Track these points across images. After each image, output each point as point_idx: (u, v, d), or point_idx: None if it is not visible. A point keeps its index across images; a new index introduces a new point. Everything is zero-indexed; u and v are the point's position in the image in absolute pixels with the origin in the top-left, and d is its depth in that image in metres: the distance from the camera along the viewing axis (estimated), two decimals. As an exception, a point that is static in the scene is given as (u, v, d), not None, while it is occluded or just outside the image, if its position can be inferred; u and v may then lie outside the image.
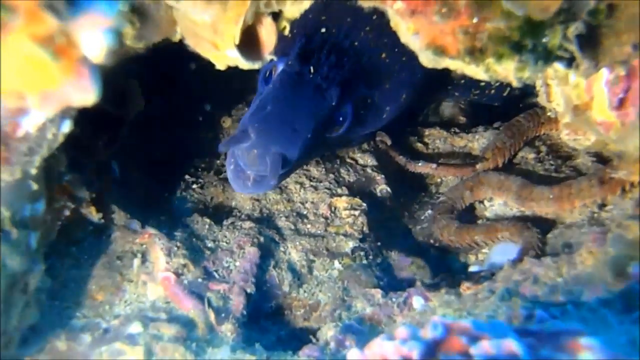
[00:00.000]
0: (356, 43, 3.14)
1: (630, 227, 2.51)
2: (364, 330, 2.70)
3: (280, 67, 3.04)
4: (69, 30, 1.88)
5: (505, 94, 3.97)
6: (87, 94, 1.97)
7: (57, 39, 1.83)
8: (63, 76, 1.88)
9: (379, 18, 3.12)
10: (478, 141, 3.96)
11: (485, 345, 1.68)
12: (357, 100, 3.18)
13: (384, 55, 3.22)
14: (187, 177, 3.61)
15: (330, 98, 2.99)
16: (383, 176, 3.67)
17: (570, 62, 2.40)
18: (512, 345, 1.68)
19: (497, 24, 2.18)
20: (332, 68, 3.00)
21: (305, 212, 3.34)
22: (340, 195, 3.42)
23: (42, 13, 1.83)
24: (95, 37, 1.89)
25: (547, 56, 2.28)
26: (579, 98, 2.77)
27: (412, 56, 3.16)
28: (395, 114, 3.49)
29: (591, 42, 2.39)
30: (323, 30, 3.10)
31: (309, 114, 2.96)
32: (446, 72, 3.27)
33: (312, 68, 2.97)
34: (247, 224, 3.16)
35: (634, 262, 2.36)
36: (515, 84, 2.34)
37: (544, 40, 2.24)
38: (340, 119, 3.14)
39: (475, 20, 2.18)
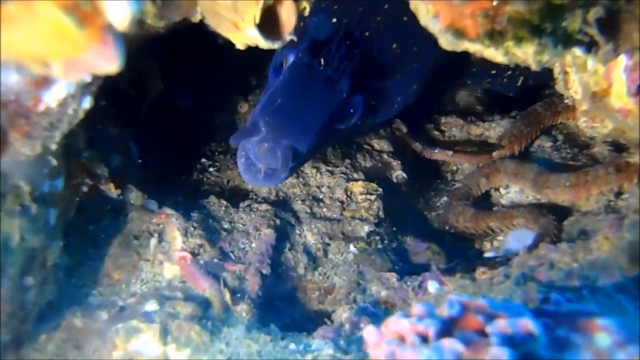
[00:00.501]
0: (367, 33, 3.13)
1: (646, 213, 2.50)
2: (378, 313, 2.70)
3: (291, 58, 3.03)
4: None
5: (518, 84, 3.92)
6: (111, 62, 1.97)
7: (82, 6, 1.84)
8: (87, 43, 1.88)
9: (391, 8, 3.15)
10: (494, 129, 3.95)
11: (502, 324, 1.69)
12: (368, 91, 3.16)
13: (395, 45, 3.21)
14: (203, 160, 3.62)
15: (341, 90, 2.98)
16: (399, 162, 3.68)
17: (589, 47, 2.39)
18: (528, 324, 1.68)
19: (517, 7, 2.17)
20: (343, 59, 2.99)
21: (321, 196, 3.34)
22: (357, 180, 3.43)
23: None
24: (120, 4, 1.90)
25: (567, 40, 2.28)
26: (597, 85, 2.76)
27: (423, 46, 3.22)
28: (406, 104, 3.48)
29: (611, 28, 2.38)
30: (334, 20, 3.09)
31: (319, 106, 2.96)
32: (457, 61, 3.31)
33: (322, 60, 2.96)
34: (264, 207, 3.16)
35: (650, 248, 2.36)
36: (534, 67, 2.34)
37: (563, 23, 2.23)
38: (351, 110, 3.12)
39: (495, 3, 2.17)
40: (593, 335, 1.70)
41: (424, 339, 1.72)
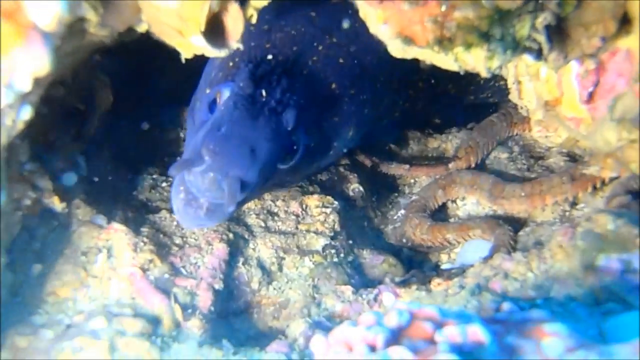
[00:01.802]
0: (305, 71, 3.03)
1: (599, 221, 2.50)
2: (333, 327, 2.66)
3: (227, 94, 2.87)
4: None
5: None
6: (39, 61, 1.91)
7: (5, 3, 1.79)
8: (13, 43, 1.83)
9: (325, 47, 3.11)
10: (451, 142, 3.97)
11: (450, 331, 1.66)
12: (309, 129, 2.98)
13: (333, 86, 3.10)
14: (155, 175, 3.55)
15: (287, 122, 2.78)
16: (356, 175, 3.66)
17: (539, 53, 2.40)
18: (477, 330, 1.66)
19: (465, 13, 2.17)
20: (285, 92, 2.82)
21: (275, 210, 3.30)
22: (312, 193, 3.39)
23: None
24: (45, 4, 1.85)
25: (516, 46, 2.28)
26: (550, 93, 2.78)
27: (361, 88, 3.19)
28: (341, 151, 3.36)
29: (560, 34, 2.40)
30: (270, 57, 2.98)
31: (266, 136, 2.75)
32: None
33: (264, 91, 2.78)
34: (216, 223, 3.11)
35: (603, 255, 2.35)
36: (484, 74, 2.33)
37: (512, 30, 2.24)
38: (294, 147, 2.93)
39: (443, 9, 2.17)
40: (541, 340, 1.67)
41: (372, 348, 1.68)
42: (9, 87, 1.98)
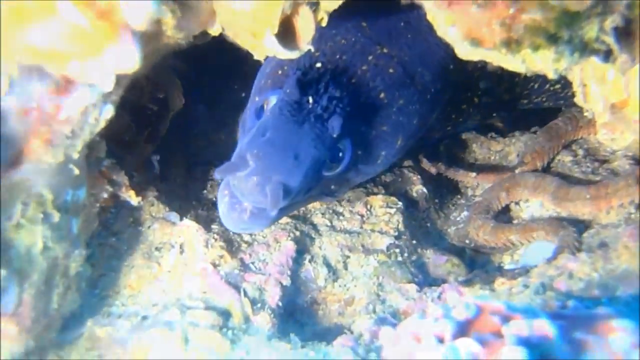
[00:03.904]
0: (353, 80, 3.03)
1: (666, 221, 2.50)
2: (397, 323, 2.71)
3: (273, 101, 2.89)
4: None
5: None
6: (129, 60, 2.01)
7: (99, 3, 1.88)
8: (105, 41, 1.93)
9: (375, 57, 3.10)
10: (515, 145, 3.96)
11: (517, 324, 1.69)
12: (356, 137, 2.99)
13: (382, 95, 3.09)
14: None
15: (332, 129, 2.78)
16: (419, 177, 3.69)
17: (607, 55, 2.40)
18: (544, 324, 1.69)
19: (533, 15, 2.19)
20: (332, 100, 2.84)
21: (341, 210, 3.36)
22: (377, 194, 3.44)
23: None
24: (138, 4, 1.94)
25: (584, 48, 2.29)
26: (616, 95, 2.77)
27: (411, 99, 3.16)
28: (389, 161, 3.32)
29: (628, 36, 2.39)
30: (318, 65, 2.99)
31: (310, 142, 2.76)
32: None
33: (310, 98, 2.81)
34: (284, 219, 3.18)
35: (670, 256, 2.36)
36: (551, 75, 2.35)
37: (580, 32, 2.25)
38: (340, 154, 2.94)
39: (512, 11, 2.19)
40: (608, 335, 1.70)
41: (440, 340, 1.73)
42: (93, 86, 2.08)
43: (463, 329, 1.73)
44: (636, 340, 1.69)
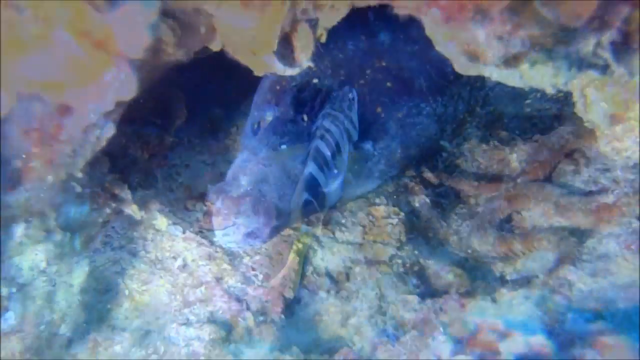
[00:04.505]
0: (350, 95, 3.05)
1: (666, 233, 2.50)
2: (399, 336, 2.72)
3: (269, 118, 2.91)
4: (107, 23, 1.94)
5: None
6: (127, 88, 2.02)
7: (95, 33, 1.89)
8: (102, 70, 1.94)
9: (373, 71, 3.12)
10: (516, 153, 3.95)
11: (514, 341, 1.70)
12: (353, 152, 3.04)
13: (379, 109, 3.13)
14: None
15: (328, 146, 2.84)
16: (421, 187, 3.70)
17: (604, 69, 2.41)
18: (541, 341, 1.70)
19: (531, 31, 2.20)
20: (327, 116, 2.88)
21: (343, 221, 3.37)
22: (379, 205, 3.45)
23: (84, 6, 1.89)
24: (134, 31, 1.95)
25: (581, 63, 2.30)
26: (616, 107, 2.77)
27: (409, 113, 3.19)
28: (388, 173, 3.37)
29: (627, 49, 2.40)
30: (315, 81, 3.02)
31: (305, 160, 2.81)
32: None
33: (305, 116, 2.85)
34: (286, 231, 3.19)
35: (669, 268, 2.36)
36: (549, 90, 2.36)
37: (577, 47, 2.26)
38: (335, 171, 2.98)
39: (509, 27, 2.20)
40: (605, 353, 1.71)
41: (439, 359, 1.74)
42: (94, 109, 2.10)
43: (461, 347, 1.74)
44: (634, 357, 1.70)
